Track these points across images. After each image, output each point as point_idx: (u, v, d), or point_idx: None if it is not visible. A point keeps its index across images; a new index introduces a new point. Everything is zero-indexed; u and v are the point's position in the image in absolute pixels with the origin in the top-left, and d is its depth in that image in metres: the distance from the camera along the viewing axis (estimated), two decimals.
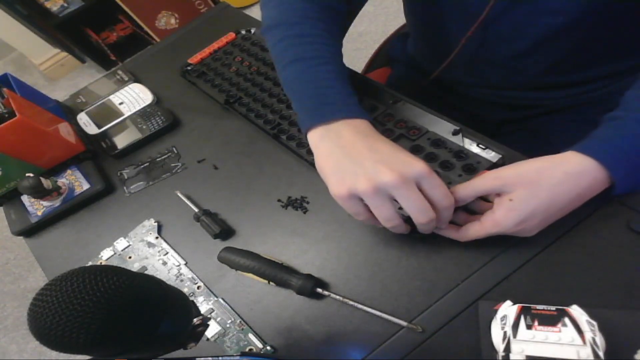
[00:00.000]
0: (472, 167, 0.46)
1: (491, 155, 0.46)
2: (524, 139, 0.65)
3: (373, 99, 0.57)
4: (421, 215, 0.39)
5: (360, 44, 1.83)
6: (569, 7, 0.47)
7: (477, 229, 0.41)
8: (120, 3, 1.93)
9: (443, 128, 0.50)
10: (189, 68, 0.75)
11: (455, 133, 0.49)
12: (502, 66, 0.58)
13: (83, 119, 0.74)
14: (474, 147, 0.48)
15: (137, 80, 0.78)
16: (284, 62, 0.50)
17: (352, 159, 0.41)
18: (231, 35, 0.77)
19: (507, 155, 0.47)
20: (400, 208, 0.40)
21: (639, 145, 0.38)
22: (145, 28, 2.07)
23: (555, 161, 0.39)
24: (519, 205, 0.38)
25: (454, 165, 0.47)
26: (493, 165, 0.46)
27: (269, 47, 0.54)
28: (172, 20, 2.09)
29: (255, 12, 2.25)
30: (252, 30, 0.76)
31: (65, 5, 2.03)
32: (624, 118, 0.39)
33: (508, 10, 0.51)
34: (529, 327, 0.37)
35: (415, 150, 0.50)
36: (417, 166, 0.38)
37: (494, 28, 0.54)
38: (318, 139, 0.44)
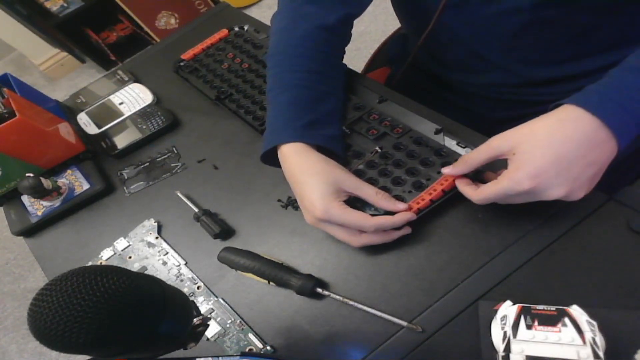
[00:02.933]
0: (451, 164, 0.47)
1: None
2: None
3: (360, 97, 0.58)
4: (349, 243, 0.46)
5: (360, 44, 1.83)
6: (527, 5, 0.48)
7: (492, 186, 0.41)
8: (120, 3, 1.93)
9: (426, 127, 0.52)
10: (181, 64, 0.75)
11: (436, 132, 0.51)
12: (489, 63, 0.59)
13: (83, 119, 0.74)
14: (453, 146, 0.50)
15: (137, 80, 0.78)
16: (266, 92, 0.56)
17: (294, 193, 0.49)
18: (224, 32, 0.77)
19: None
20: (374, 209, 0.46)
21: (626, 90, 0.38)
22: (145, 28, 2.07)
23: (549, 114, 0.39)
24: (524, 157, 0.38)
25: (433, 163, 0.49)
26: None
27: None
28: (172, 20, 2.09)
29: (255, 12, 2.25)
30: (245, 27, 0.77)
31: (65, 5, 2.03)
32: (612, 72, 0.40)
33: (464, 11, 0.54)
34: (529, 327, 0.37)
35: (397, 148, 0.52)
36: (315, 212, 0.44)
37: (462, 26, 0.56)
38: (279, 160, 0.51)
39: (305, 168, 0.47)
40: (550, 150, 0.37)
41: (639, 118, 0.37)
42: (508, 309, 0.38)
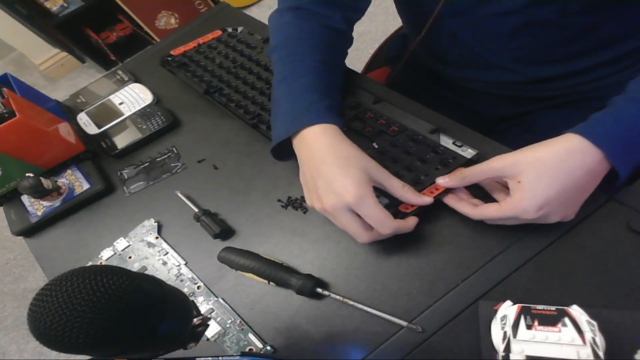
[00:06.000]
0: (448, 162, 0.48)
1: (466, 152, 0.49)
2: (520, 135, 0.65)
3: (356, 97, 0.59)
4: (358, 237, 0.44)
5: (360, 44, 1.82)
6: (520, 6, 0.49)
7: (494, 209, 0.42)
8: (120, 3, 1.93)
9: (422, 127, 0.53)
10: (169, 58, 0.75)
11: (432, 132, 0.52)
12: (489, 62, 0.60)
13: (83, 119, 0.74)
14: (450, 145, 0.50)
15: (137, 80, 0.78)
16: (274, 83, 0.55)
17: (311, 178, 0.46)
18: (217, 33, 0.77)
19: (488, 150, 0.49)
20: (378, 196, 0.44)
21: (629, 123, 0.38)
22: (145, 28, 2.07)
23: (555, 142, 0.39)
24: (530, 187, 0.39)
25: (431, 160, 0.49)
26: (468, 162, 0.48)
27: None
28: (172, 20, 2.09)
29: (255, 12, 2.24)
30: (239, 29, 0.77)
31: (65, 5, 2.03)
32: (616, 101, 0.40)
33: (461, 12, 0.54)
34: (529, 327, 0.37)
35: (393, 145, 0.52)
36: (346, 197, 0.41)
37: (460, 26, 0.57)
38: (296, 148, 0.49)
39: (338, 151, 0.45)
40: (556, 181, 0.38)
41: (638, 149, 0.38)
42: (508, 309, 0.38)
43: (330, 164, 0.44)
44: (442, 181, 0.45)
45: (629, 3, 0.49)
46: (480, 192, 0.47)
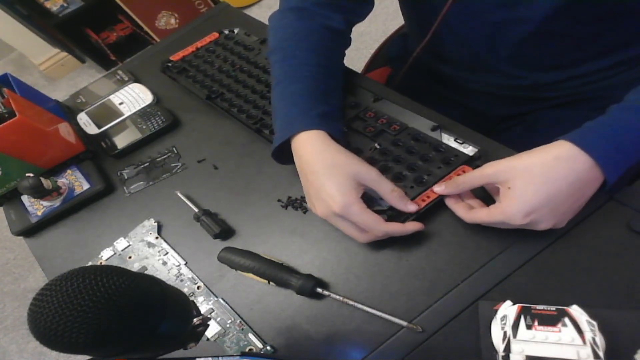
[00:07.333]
0: (450, 160, 0.48)
1: (468, 149, 0.49)
2: (522, 134, 0.65)
3: (356, 96, 0.59)
4: (356, 238, 0.45)
5: (360, 44, 1.82)
6: (533, 15, 0.49)
7: (484, 214, 0.42)
8: (120, 3, 1.93)
9: (423, 124, 0.53)
10: (169, 64, 0.75)
11: (433, 129, 0.52)
12: (492, 66, 0.60)
13: (83, 119, 0.74)
14: (451, 142, 0.50)
15: (137, 80, 0.78)
16: (272, 85, 0.55)
17: (305, 185, 0.48)
18: (214, 35, 0.77)
19: (488, 149, 0.49)
20: (381, 198, 0.46)
21: (621, 130, 0.38)
22: (145, 28, 2.07)
23: (546, 149, 0.40)
24: (518, 193, 0.39)
25: (433, 158, 0.49)
26: (470, 159, 0.48)
27: None
28: (172, 20, 2.09)
29: (255, 12, 2.24)
30: (235, 31, 0.77)
31: (65, 5, 2.03)
32: (610, 108, 0.40)
33: (470, 15, 0.54)
34: (529, 327, 0.37)
35: (395, 145, 0.52)
36: (333, 206, 0.43)
37: (466, 30, 0.57)
38: (293, 153, 0.49)
39: (325, 158, 0.45)
40: (544, 188, 0.38)
41: (629, 156, 0.38)
42: (508, 309, 0.39)
43: (317, 172, 0.45)
44: (439, 189, 0.46)
45: (636, 12, 0.49)
46: (484, 191, 0.47)
